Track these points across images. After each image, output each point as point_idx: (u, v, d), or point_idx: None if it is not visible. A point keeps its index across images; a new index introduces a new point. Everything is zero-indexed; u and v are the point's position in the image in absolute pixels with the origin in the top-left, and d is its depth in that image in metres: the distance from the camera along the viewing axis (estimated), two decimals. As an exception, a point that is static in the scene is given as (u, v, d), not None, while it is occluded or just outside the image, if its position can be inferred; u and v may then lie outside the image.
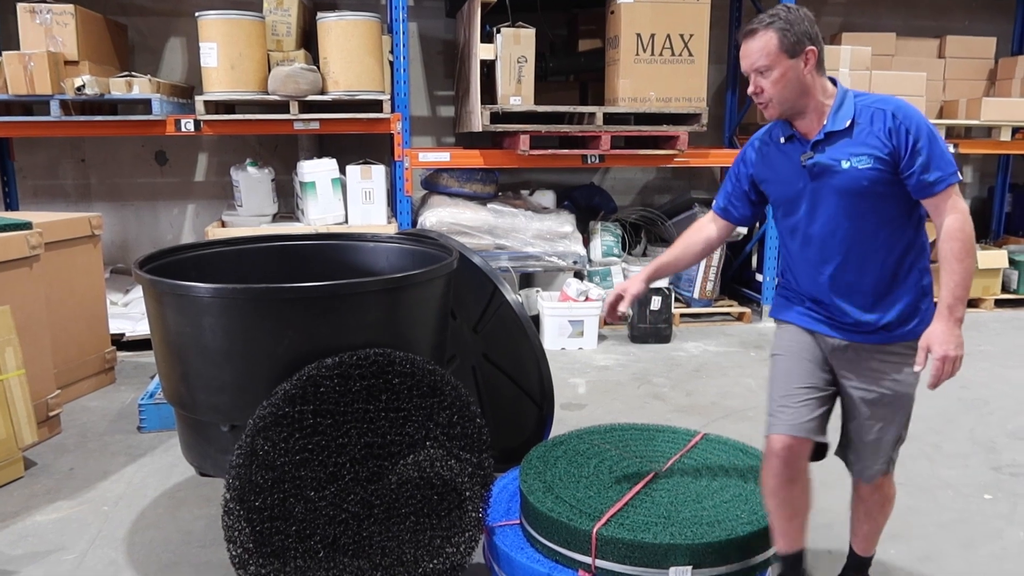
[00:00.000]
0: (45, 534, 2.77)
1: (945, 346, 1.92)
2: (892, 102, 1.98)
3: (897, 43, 5.90)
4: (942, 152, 1.94)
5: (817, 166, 2.01)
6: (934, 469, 3.32)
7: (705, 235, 2.35)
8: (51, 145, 5.62)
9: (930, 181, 1.93)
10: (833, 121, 2.00)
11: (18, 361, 3.17)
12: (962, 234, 1.94)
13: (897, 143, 1.94)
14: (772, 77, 1.98)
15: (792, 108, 2.03)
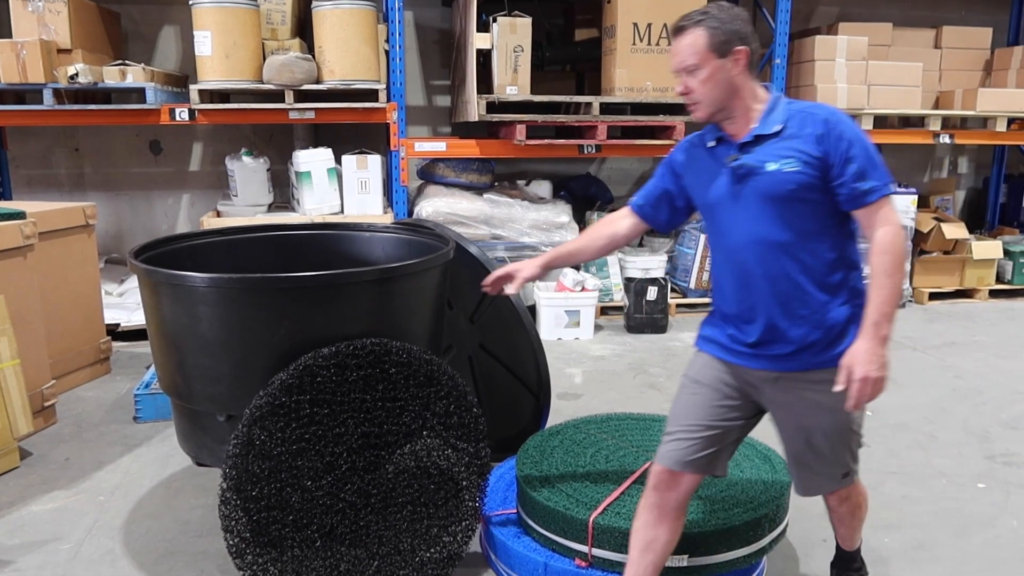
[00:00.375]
0: (41, 524, 2.77)
1: (866, 366, 1.77)
2: (825, 109, 1.89)
3: (894, 33, 5.90)
4: (878, 161, 1.84)
5: (743, 167, 1.91)
6: (928, 458, 3.34)
7: (612, 230, 2.21)
8: (44, 134, 5.59)
9: (863, 190, 1.82)
10: (763, 124, 1.90)
11: (13, 351, 3.16)
12: (894, 248, 1.81)
13: (828, 149, 1.83)
14: (700, 76, 1.88)
15: (722, 110, 1.92)
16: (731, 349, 1.99)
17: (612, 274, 5.54)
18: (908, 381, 4.31)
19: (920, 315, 5.77)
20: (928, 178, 7.06)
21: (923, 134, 5.85)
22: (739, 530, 2.16)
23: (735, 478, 2.41)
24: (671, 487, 1.98)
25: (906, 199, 5.84)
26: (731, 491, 2.32)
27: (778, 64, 5.42)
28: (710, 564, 2.15)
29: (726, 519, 2.16)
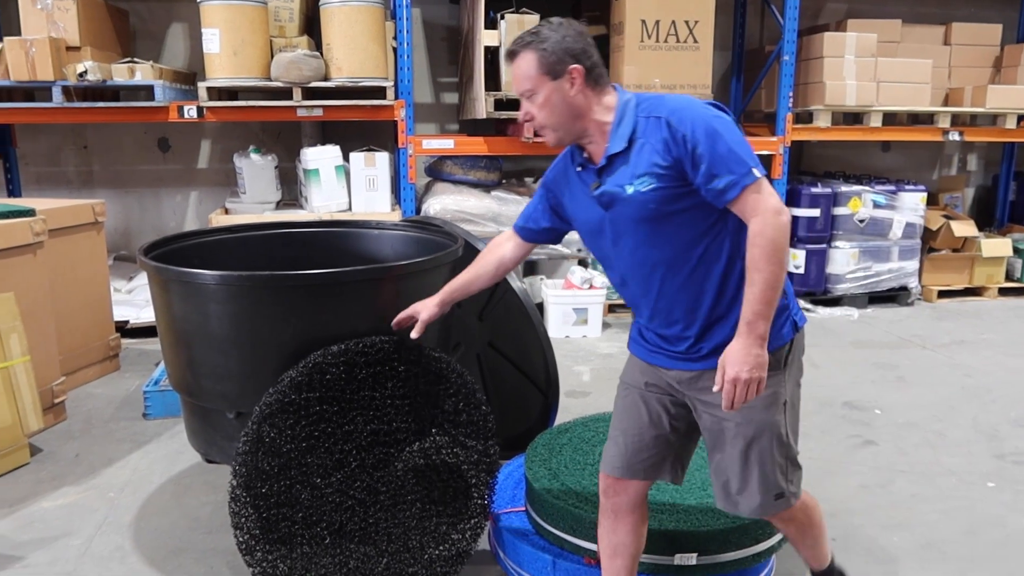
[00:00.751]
0: (51, 520, 2.78)
1: (737, 367, 1.66)
2: (667, 106, 1.73)
3: (903, 30, 5.87)
4: (728, 150, 1.66)
5: (605, 195, 1.78)
6: (937, 456, 3.33)
7: (498, 255, 2.10)
8: (53, 132, 5.61)
9: (720, 189, 1.67)
10: (612, 141, 1.77)
11: (23, 348, 3.17)
12: (762, 239, 1.65)
13: (677, 154, 1.69)
14: (538, 101, 1.78)
15: (571, 133, 1.81)
16: (650, 350, 1.91)
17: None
18: (917, 379, 4.29)
19: (929, 313, 5.75)
20: (937, 175, 7.03)
21: (932, 131, 5.82)
22: (748, 528, 2.15)
23: (744, 476, 2.40)
24: (618, 492, 1.95)
25: (915, 196, 5.82)
26: (740, 489, 2.32)
27: (786, 61, 5.40)
28: (719, 563, 2.15)
29: (735, 517, 2.16)
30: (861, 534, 2.71)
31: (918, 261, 5.95)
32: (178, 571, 2.48)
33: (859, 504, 2.92)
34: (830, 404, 3.91)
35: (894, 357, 4.68)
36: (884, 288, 5.88)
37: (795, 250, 5.72)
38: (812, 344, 4.85)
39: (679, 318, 1.81)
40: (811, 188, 5.65)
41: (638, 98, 1.80)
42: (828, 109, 5.50)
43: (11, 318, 3.14)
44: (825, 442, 3.47)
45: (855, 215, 5.72)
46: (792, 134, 5.52)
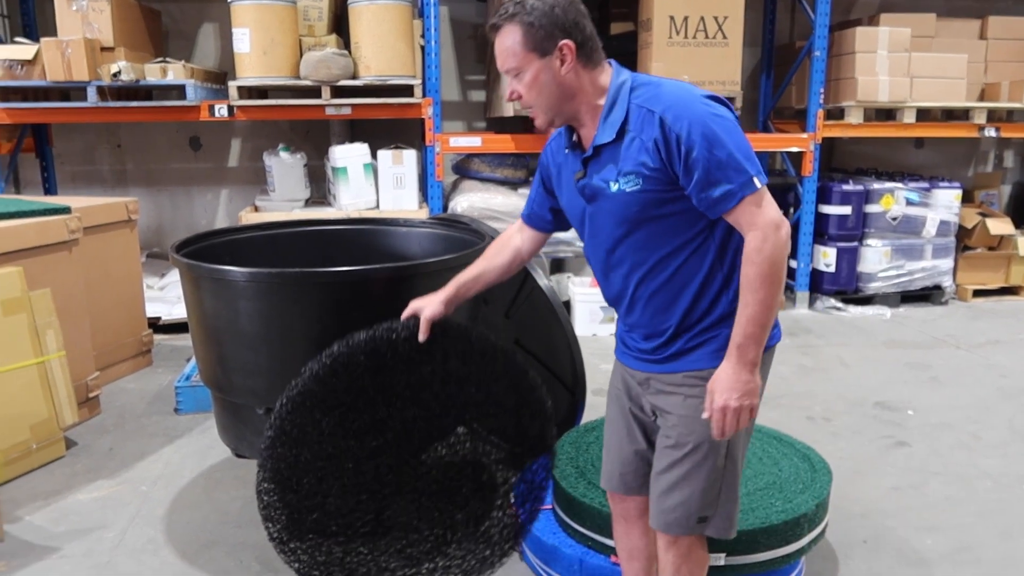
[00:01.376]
0: (86, 512, 2.83)
1: (727, 394, 1.56)
2: (663, 100, 1.56)
3: (937, 24, 5.75)
4: (728, 156, 1.51)
5: (587, 188, 1.66)
6: (972, 458, 3.26)
7: (514, 245, 1.95)
8: (88, 131, 5.70)
9: (715, 198, 1.53)
10: (602, 130, 1.61)
11: (59, 343, 3.23)
12: (759, 256, 1.51)
13: (668, 156, 1.54)
14: (525, 80, 1.61)
15: (563, 115, 1.65)
16: (621, 350, 1.83)
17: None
18: (951, 380, 4.22)
19: (964, 312, 5.65)
20: (972, 172, 6.89)
21: (968, 127, 5.71)
22: (777, 529, 2.13)
23: (773, 477, 2.38)
24: (622, 500, 1.91)
25: (949, 194, 5.71)
26: (770, 490, 2.30)
27: (817, 56, 5.33)
28: (747, 563, 2.13)
29: (764, 518, 2.14)
30: (893, 536, 2.67)
31: (952, 259, 5.85)
32: (209, 564, 2.51)
33: (891, 505, 2.87)
34: (861, 404, 3.85)
35: (927, 357, 4.60)
36: (917, 287, 5.78)
37: (825, 248, 5.64)
38: (843, 344, 4.82)
39: (648, 322, 1.71)
40: (842, 185, 5.57)
41: (634, 80, 1.64)
42: (860, 105, 5.41)
43: (47, 314, 3.20)
44: (856, 442, 3.42)
45: (887, 213, 5.63)
46: (823, 131, 5.45)
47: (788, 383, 4.15)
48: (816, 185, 5.54)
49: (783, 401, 3.90)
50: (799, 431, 3.40)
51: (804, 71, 5.61)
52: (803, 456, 2.50)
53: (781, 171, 6.17)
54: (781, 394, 3.99)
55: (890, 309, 5.62)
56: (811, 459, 2.48)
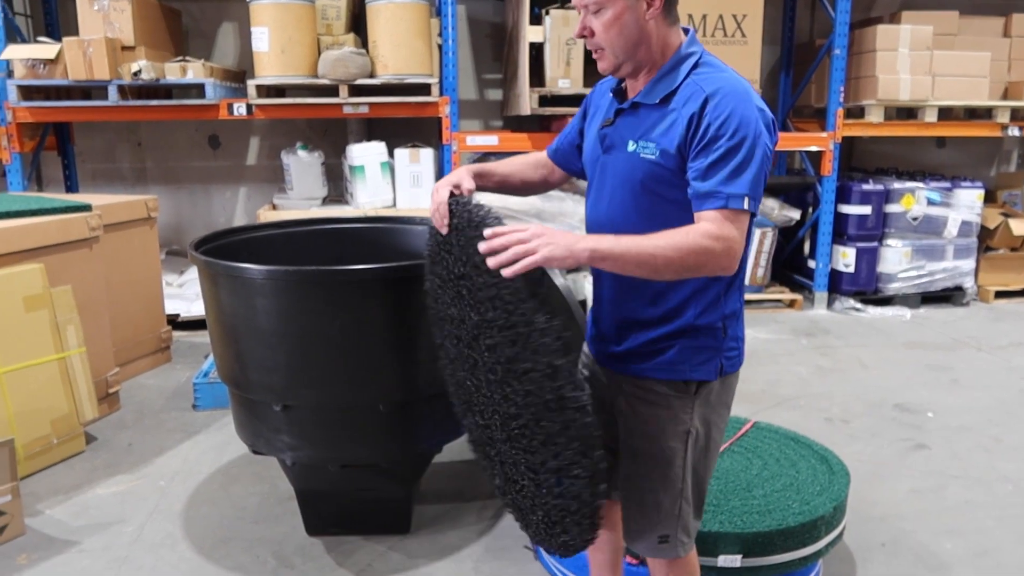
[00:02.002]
0: (105, 507, 2.86)
1: (535, 232, 1.43)
2: (718, 83, 1.50)
3: (960, 22, 5.68)
4: (740, 166, 1.44)
5: (608, 138, 1.62)
6: (992, 462, 3.23)
7: (545, 168, 1.90)
8: (109, 129, 5.76)
9: (701, 192, 1.46)
10: (648, 90, 1.57)
11: (79, 339, 3.27)
12: (707, 247, 1.42)
13: (692, 135, 1.48)
14: (605, 18, 1.52)
15: (631, 62, 1.56)
16: (591, 339, 1.76)
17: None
18: (972, 382, 4.17)
19: (985, 314, 5.58)
20: (995, 172, 6.80)
21: (990, 126, 5.64)
22: (795, 531, 2.12)
23: (791, 479, 2.36)
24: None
25: (972, 194, 5.65)
26: (787, 491, 2.28)
27: (837, 55, 5.28)
28: (764, 565, 2.11)
29: (781, 520, 2.12)
30: (912, 539, 2.64)
31: (974, 260, 5.78)
32: (226, 559, 2.53)
33: (910, 509, 2.85)
34: (880, 406, 3.82)
35: (948, 359, 4.55)
36: (938, 288, 5.72)
37: (845, 248, 5.59)
38: (862, 345, 4.78)
39: (608, 299, 1.66)
40: (862, 185, 5.52)
41: (702, 56, 1.57)
42: (881, 104, 5.36)
43: (68, 310, 3.23)
44: (875, 445, 3.39)
45: (908, 213, 5.57)
46: (843, 129, 5.40)
47: (806, 384, 4.12)
48: (835, 184, 5.49)
49: (801, 402, 3.87)
50: (817, 433, 3.37)
51: (824, 69, 5.56)
52: (821, 458, 2.49)
53: (800, 170, 6.12)
54: (799, 395, 3.96)
55: (910, 310, 5.56)
56: (829, 461, 2.46)
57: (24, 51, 4.63)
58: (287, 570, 2.47)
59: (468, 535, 2.66)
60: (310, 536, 2.64)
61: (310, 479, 2.53)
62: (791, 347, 4.77)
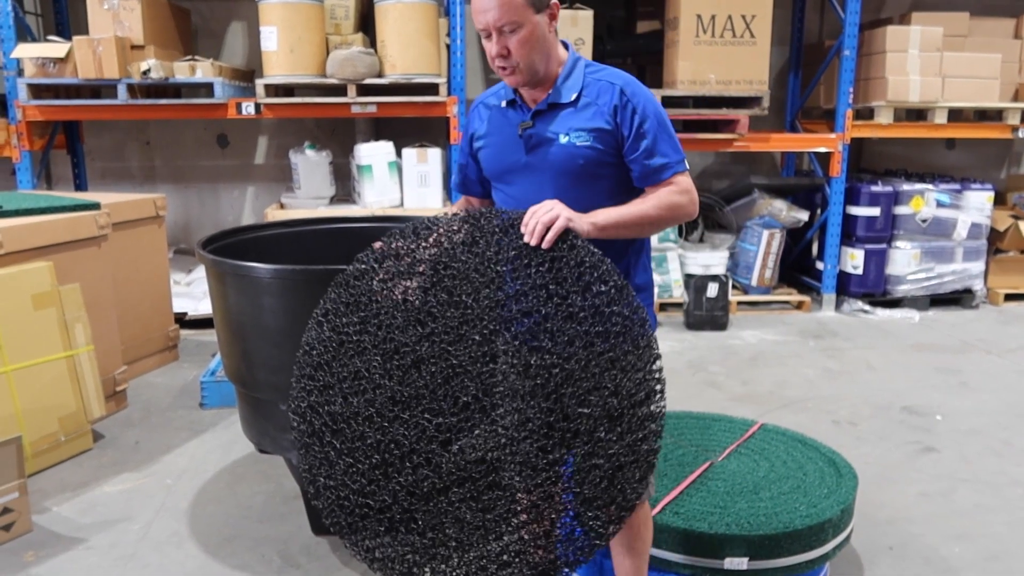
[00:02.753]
0: (112, 504, 2.87)
1: (546, 205, 1.64)
2: (622, 77, 1.78)
3: (971, 23, 5.65)
4: (670, 136, 1.77)
5: (534, 137, 1.78)
6: (1003, 465, 3.20)
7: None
8: (118, 128, 5.78)
9: (654, 167, 1.75)
10: (558, 92, 1.77)
11: (87, 337, 3.28)
12: (679, 204, 1.75)
13: (621, 121, 1.74)
14: (520, 36, 1.67)
15: (537, 74, 1.75)
16: None
17: (672, 270, 5.47)
18: (981, 385, 4.14)
19: (994, 317, 5.54)
20: (1005, 174, 6.76)
21: (1001, 128, 5.61)
22: (802, 534, 2.10)
23: (798, 481, 2.35)
24: None
25: (981, 196, 5.61)
26: (794, 494, 2.27)
27: (847, 56, 5.26)
28: (771, 568, 2.10)
29: (788, 522, 2.11)
30: (920, 543, 2.63)
31: (984, 263, 5.74)
32: (231, 558, 2.53)
33: (918, 512, 2.83)
34: (888, 409, 3.80)
35: (957, 362, 4.53)
36: (947, 290, 5.69)
37: (853, 249, 5.57)
38: (870, 347, 4.75)
39: None
40: (871, 186, 5.49)
41: (583, 59, 1.83)
42: (890, 105, 5.34)
43: (76, 308, 3.24)
44: (883, 447, 3.37)
45: (917, 214, 5.54)
46: (852, 131, 5.38)
47: (814, 386, 4.10)
48: (844, 186, 5.47)
49: (809, 404, 3.85)
50: (825, 435, 3.36)
51: (833, 70, 5.54)
52: (828, 460, 2.47)
53: (808, 171, 6.10)
54: (807, 397, 3.95)
55: (919, 312, 5.53)
56: (836, 463, 2.45)
57: (34, 50, 4.65)
58: (292, 569, 2.48)
59: (474, 535, 2.65)
60: (315, 536, 2.64)
61: (316, 478, 2.53)
62: (799, 349, 4.75)
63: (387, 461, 1.73)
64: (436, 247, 1.78)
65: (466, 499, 1.69)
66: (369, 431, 1.74)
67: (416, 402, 1.72)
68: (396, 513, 1.73)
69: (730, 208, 5.81)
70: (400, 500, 1.72)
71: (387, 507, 1.73)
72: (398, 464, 1.72)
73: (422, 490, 1.71)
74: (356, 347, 1.77)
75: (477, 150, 1.93)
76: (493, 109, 1.90)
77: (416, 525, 1.72)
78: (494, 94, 1.91)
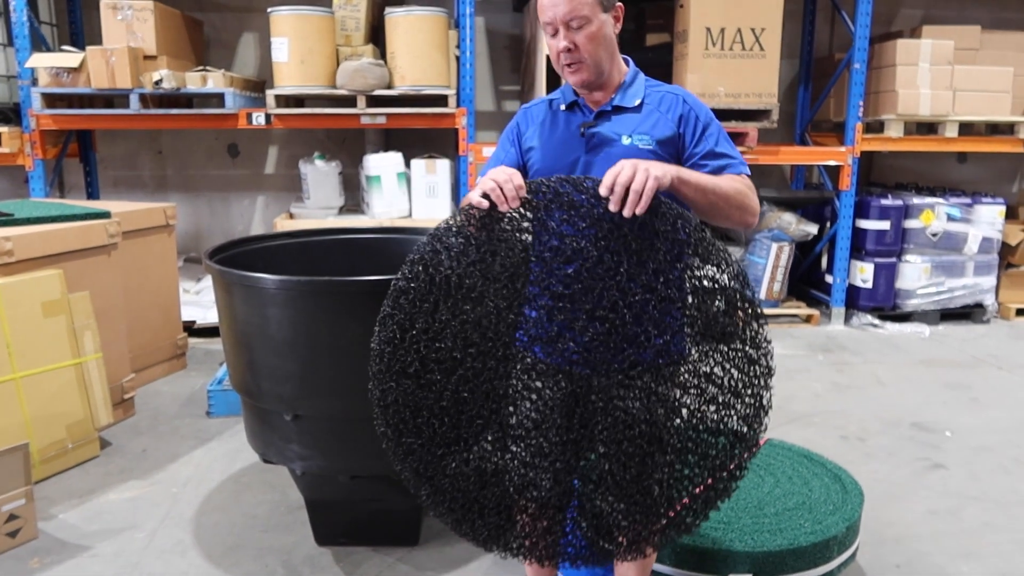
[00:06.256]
0: (118, 512, 2.88)
1: (633, 165, 1.57)
2: (683, 90, 1.87)
3: (982, 36, 5.63)
4: (730, 143, 1.84)
5: (597, 136, 1.82)
6: (1012, 483, 3.17)
7: None
8: (130, 137, 5.83)
9: (720, 165, 1.79)
10: (623, 96, 1.83)
11: (96, 345, 3.29)
12: (746, 196, 1.76)
13: (685, 129, 1.81)
14: (588, 31, 1.72)
15: (603, 74, 1.80)
16: None
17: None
18: (991, 401, 4.11)
19: (1006, 332, 5.50)
20: (1017, 188, 6.73)
21: (1012, 142, 5.58)
22: (806, 551, 2.09)
23: (803, 498, 2.33)
24: None
25: (993, 210, 5.58)
26: (799, 510, 2.25)
27: (857, 69, 5.25)
28: (775, 585, 2.09)
29: (793, 539, 2.10)
30: (928, 562, 2.60)
31: (995, 277, 5.70)
32: (235, 568, 2.54)
33: (926, 530, 2.80)
34: (897, 424, 3.77)
35: (967, 377, 4.49)
36: (958, 305, 5.65)
37: (863, 263, 5.54)
38: (878, 361, 4.72)
39: None
40: (881, 200, 5.47)
41: (643, 74, 1.89)
42: (900, 119, 5.32)
43: (85, 316, 3.26)
44: (891, 464, 3.34)
45: (927, 228, 5.51)
46: (862, 144, 5.37)
47: (822, 400, 4.07)
48: (854, 199, 5.45)
49: (816, 419, 3.83)
50: (832, 451, 3.34)
51: (843, 83, 5.53)
52: (834, 477, 2.46)
53: (818, 184, 6.08)
54: (814, 412, 3.92)
55: (929, 327, 5.50)
56: (843, 480, 2.43)
57: (48, 59, 4.71)
58: (295, 580, 2.48)
59: (476, 548, 2.64)
60: (319, 546, 2.64)
61: (320, 489, 2.53)
62: (807, 363, 4.72)
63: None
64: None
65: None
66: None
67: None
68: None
69: (739, 221, 5.79)
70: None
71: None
72: None
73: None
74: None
75: (527, 150, 1.91)
76: (548, 112, 1.90)
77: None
78: (547, 100, 1.93)
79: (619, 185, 1.55)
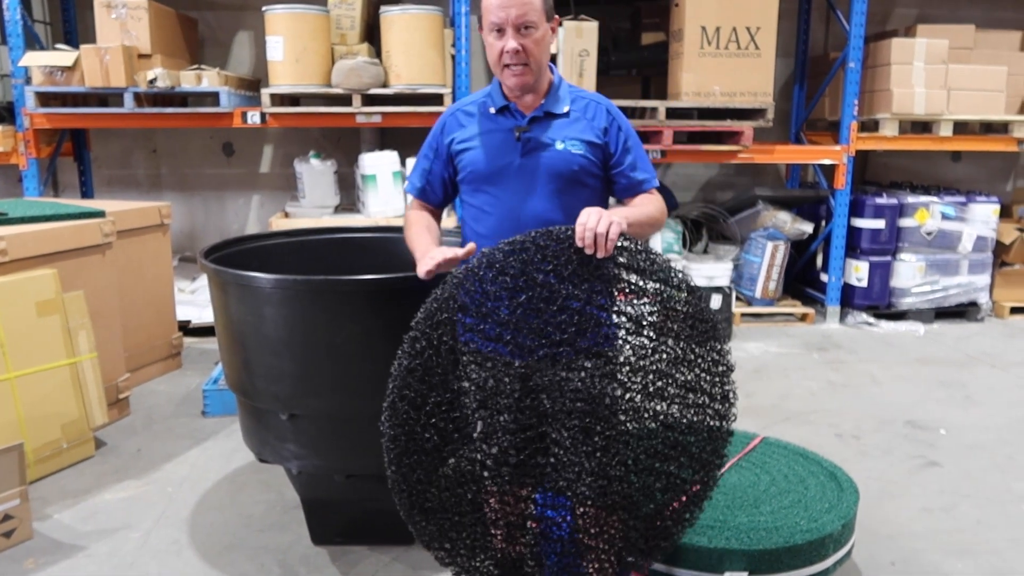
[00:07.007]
0: (113, 512, 2.87)
1: (593, 215, 1.71)
2: (605, 100, 2.01)
3: (976, 36, 5.65)
4: (645, 155, 2.03)
5: (531, 141, 1.93)
6: (1006, 481, 3.18)
7: (428, 219, 2.13)
8: (124, 136, 5.82)
9: (639, 179, 1.99)
10: (551, 102, 1.95)
11: (91, 344, 3.29)
12: (659, 215, 1.97)
13: (609, 139, 1.96)
14: (535, 36, 1.84)
15: (540, 78, 1.93)
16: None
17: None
18: (986, 399, 4.12)
19: (1000, 330, 5.52)
20: (1011, 187, 6.75)
21: (1006, 141, 5.60)
22: (802, 549, 2.10)
23: (799, 496, 2.34)
24: None
25: (987, 208, 5.60)
26: (794, 508, 2.26)
27: (852, 68, 5.26)
28: (771, 583, 2.09)
29: (788, 537, 2.10)
30: (922, 559, 2.61)
31: (989, 276, 5.72)
32: (230, 567, 2.53)
33: (921, 527, 2.81)
34: (892, 422, 3.78)
35: (961, 375, 4.51)
36: (952, 303, 5.67)
37: (857, 262, 5.56)
38: (874, 360, 4.74)
39: (491, 236, 1.93)
40: (875, 199, 5.49)
41: (563, 79, 2.02)
42: (895, 118, 5.33)
43: (80, 316, 3.25)
44: (886, 462, 3.36)
45: (922, 227, 5.53)
46: (857, 143, 5.38)
47: (817, 399, 4.08)
48: (849, 198, 5.46)
49: (811, 417, 3.83)
50: (827, 449, 3.35)
51: (838, 82, 5.54)
52: (830, 474, 2.46)
53: (813, 183, 6.09)
54: (809, 410, 3.93)
55: (924, 325, 5.51)
56: (838, 478, 2.44)
57: (42, 58, 4.69)
58: (291, 579, 2.47)
59: (473, 547, 2.65)
60: (315, 545, 2.64)
61: (316, 488, 2.53)
62: (802, 361, 4.73)
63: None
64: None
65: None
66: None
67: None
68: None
69: (734, 220, 5.81)
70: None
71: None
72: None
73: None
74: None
75: (458, 152, 2.02)
76: (477, 115, 2.01)
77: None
78: (474, 103, 2.04)
79: (589, 231, 1.70)
